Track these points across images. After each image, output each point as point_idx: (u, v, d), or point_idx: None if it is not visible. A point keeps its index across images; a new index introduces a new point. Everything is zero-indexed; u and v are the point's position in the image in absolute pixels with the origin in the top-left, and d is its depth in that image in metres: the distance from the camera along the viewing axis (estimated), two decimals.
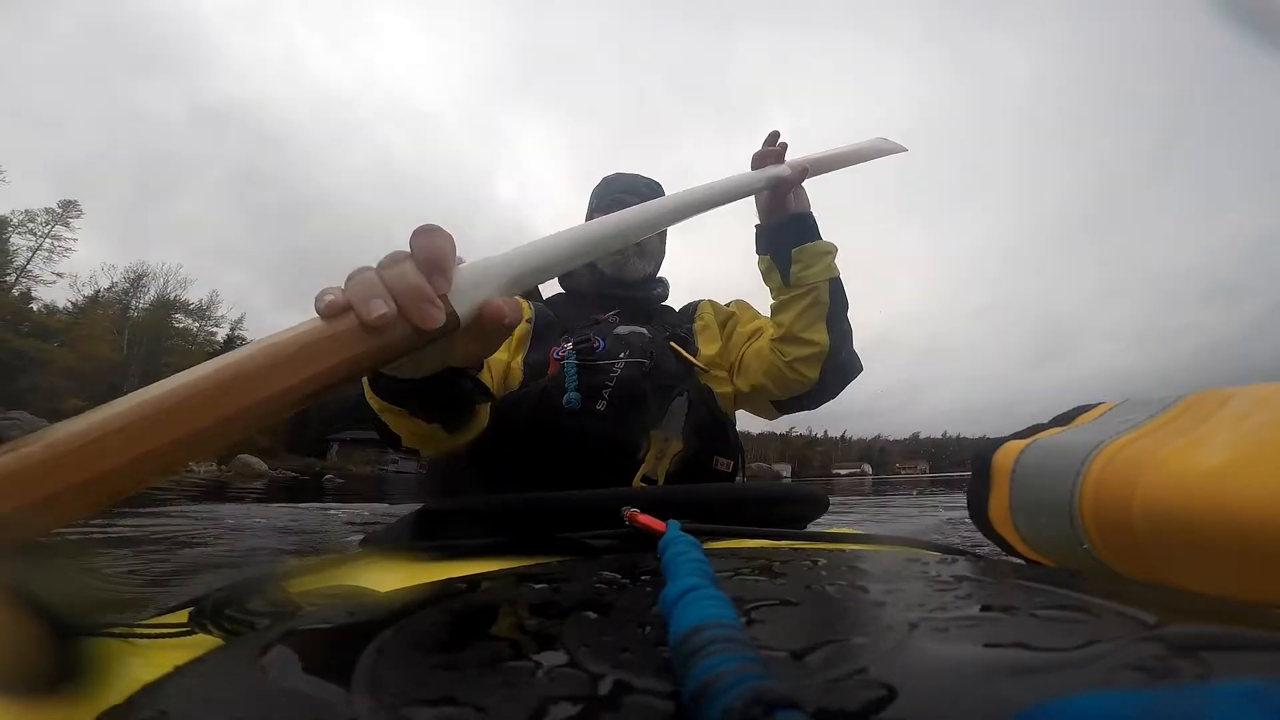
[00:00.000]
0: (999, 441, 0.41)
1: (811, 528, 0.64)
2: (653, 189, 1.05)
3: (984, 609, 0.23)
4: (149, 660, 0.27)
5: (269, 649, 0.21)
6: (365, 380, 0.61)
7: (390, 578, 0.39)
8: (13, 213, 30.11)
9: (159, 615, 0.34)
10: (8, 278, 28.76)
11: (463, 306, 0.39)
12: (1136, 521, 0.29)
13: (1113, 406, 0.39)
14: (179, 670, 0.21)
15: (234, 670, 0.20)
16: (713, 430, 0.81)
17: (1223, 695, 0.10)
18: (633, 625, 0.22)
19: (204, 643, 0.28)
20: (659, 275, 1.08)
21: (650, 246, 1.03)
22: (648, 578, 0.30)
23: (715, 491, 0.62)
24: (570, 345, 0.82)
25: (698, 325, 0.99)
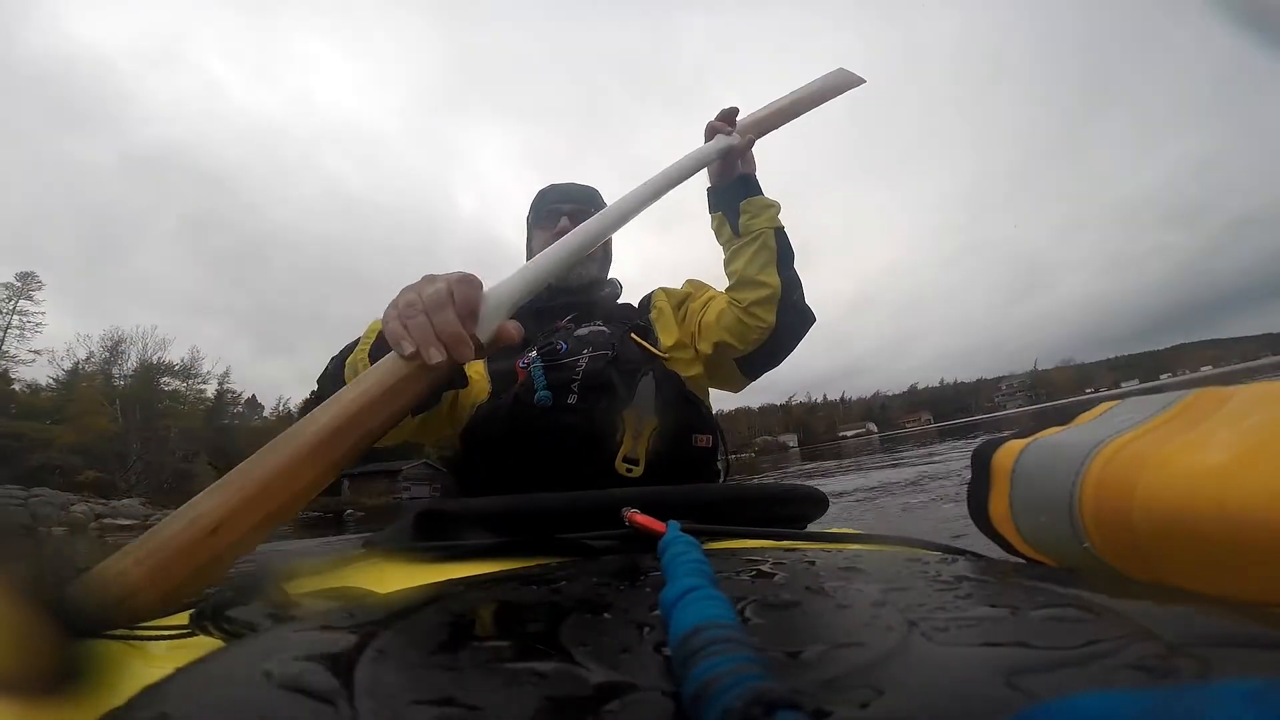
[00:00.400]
0: (999, 441, 0.41)
1: (811, 528, 0.64)
2: (587, 194, 1.10)
3: (984, 609, 0.23)
4: (150, 661, 0.27)
5: (270, 650, 0.21)
6: (338, 372, 0.73)
7: (390, 578, 0.39)
8: None
9: (160, 617, 0.34)
10: None
11: (484, 335, 0.50)
12: (1136, 521, 0.29)
13: (1113, 406, 0.39)
14: (180, 671, 0.21)
15: (235, 671, 0.20)
16: (685, 407, 0.83)
17: (1223, 695, 0.10)
18: (633, 625, 0.22)
19: (205, 644, 0.28)
20: (610, 277, 1.12)
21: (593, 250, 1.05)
22: (647, 578, 0.30)
23: (715, 492, 0.62)
24: (534, 353, 0.87)
25: (653, 315, 1.02)
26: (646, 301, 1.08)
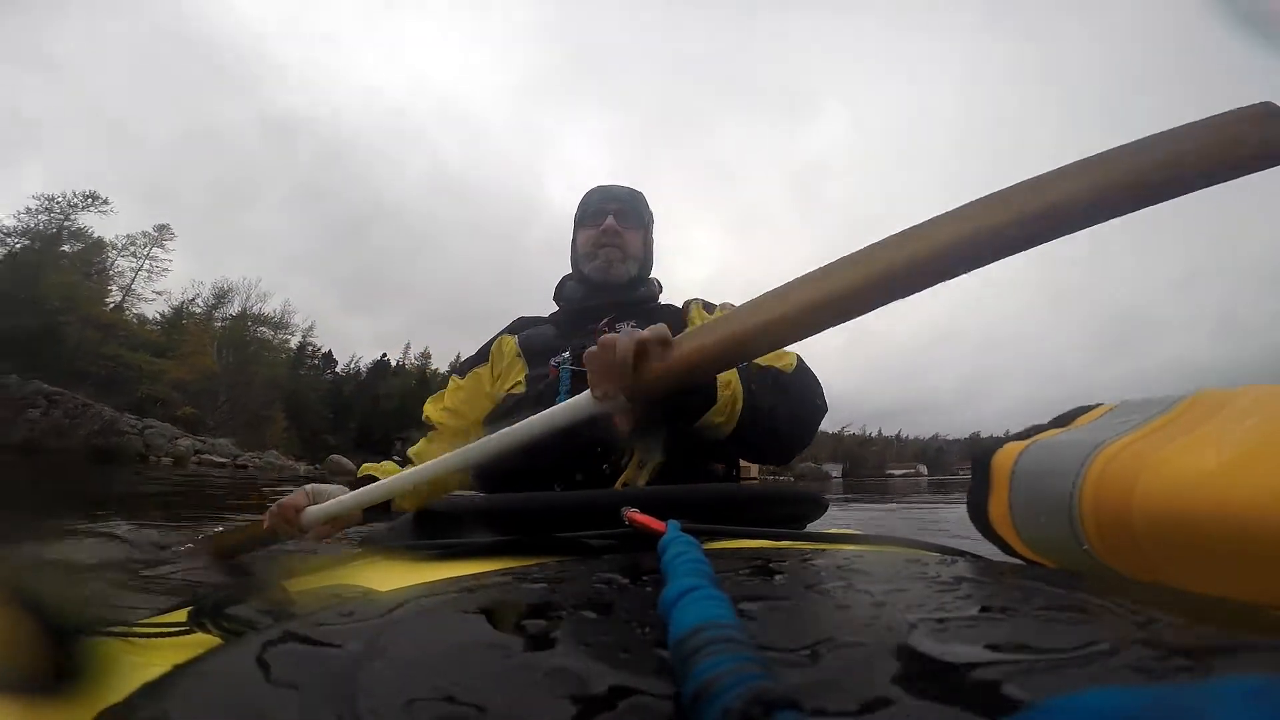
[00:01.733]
0: (999, 442, 0.41)
1: (811, 528, 0.64)
2: (632, 196, 1.12)
3: (984, 609, 0.23)
4: (148, 659, 0.27)
5: (268, 649, 0.21)
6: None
7: (390, 578, 0.39)
8: (116, 237, 32.70)
9: (158, 615, 0.34)
10: (117, 299, 31.50)
11: (304, 525, 0.77)
12: (1136, 522, 0.29)
13: (1112, 407, 0.39)
14: (178, 669, 0.21)
15: (233, 670, 0.20)
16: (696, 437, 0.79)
17: (1223, 693, 0.10)
18: (632, 625, 0.22)
19: (203, 642, 0.28)
20: (650, 276, 1.13)
21: (632, 248, 1.08)
22: (647, 578, 0.30)
23: (715, 491, 0.62)
24: (567, 354, 0.90)
25: (692, 317, 1.03)
26: (684, 310, 1.09)
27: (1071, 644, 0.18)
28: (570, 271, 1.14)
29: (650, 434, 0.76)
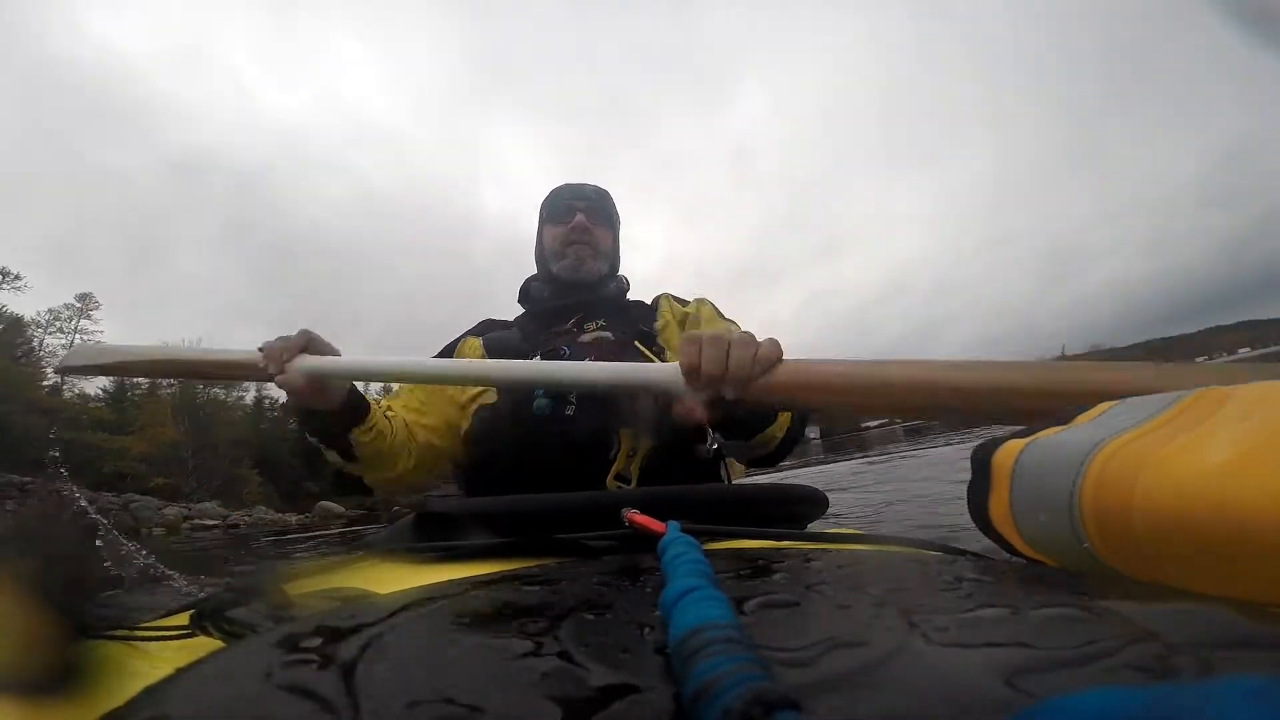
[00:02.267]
0: (999, 441, 0.41)
1: (811, 528, 0.64)
2: (600, 194, 1.10)
3: (984, 609, 0.23)
4: (150, 662, 0.27)
5: (270, 650, 0.21)
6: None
7: (390, 579, 0.39)
8: (37, 313, 31.85)
9: (160, 617, 0.34)
10: (55, 380, 30.36)
11: (290, 373, 0.77)
12: (1136, 521, 0.29)
13: (1113, 405, 0.39)
14: (180, 672, 0.21)
15: (235, 672, 0.20)
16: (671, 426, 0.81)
17: (1223, 692, 0.10)
18: (633, 625, 0.22)
19: (205, 645, 0.28)
20: (617, 273, 1.11)
21: (603, 245, 1.06)
22: (647, 578, 0.30)
23: (715, 492, 0.62)
24: (537, 357, 0.88)
25: (659, 324, 1.01)
26: (654, 306, 1.07)
27: (1071, 644, 0.18)
28: (535, 273, 1.11)
29: (644, 421, 0.76)
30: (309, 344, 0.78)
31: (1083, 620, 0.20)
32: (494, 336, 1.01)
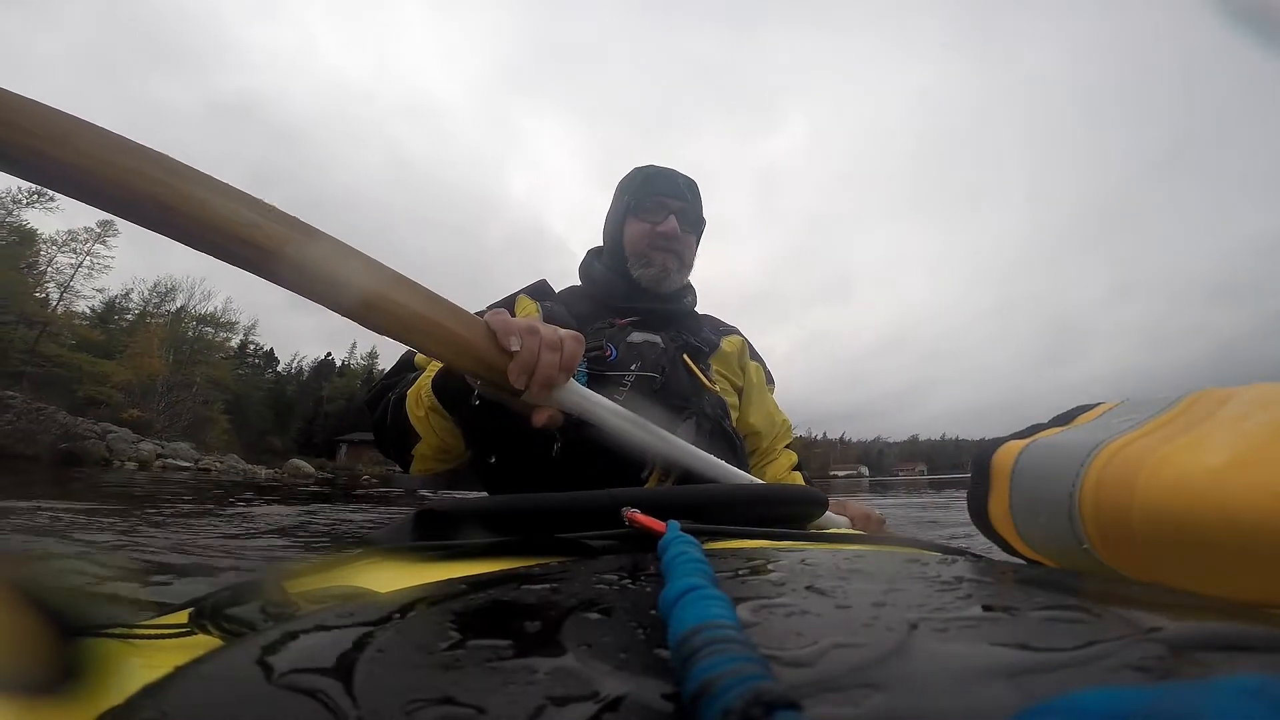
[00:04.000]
0: (999, 441, 0.41)
1: (811, 528, 0.64)
2: (691, 189, 0.99)
3: (984, 609, 0.23)
4: (149, 661, 0.27)
5: (269, 649, 0.21)
6: (417, 390, 0.73)
7: (390, 578, 0.39)
8: (57, 233, 32.40)
9: (159, 616, 0.34)
10: (54, 295, 31.17)
11: (556, 396, 0.56)
12: (1136, 521, 0.29)
13: (1112, 406, 0.39)
14: (179, 671, 0.21)
15: (234, 671, 0.20)
16: (722, 446, 0.79)
17: (1223, 691, 0.10)
18: (632, 625, 0.22)
19: (204, 643, 0.28)
20: (688, 283, 1.02)
21: (688, 256, 0.96)
22: (647, 578, 0.30)
23: (715, 492, 0.62)
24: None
25: (724, 348, 0.95)
26: (721, 330, 1.01)
27: (1072, 644, 0.18)
28: (600, 248, 1.00)
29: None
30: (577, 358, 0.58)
31: (1083, 620, 0.20)
32: (551, 308, 0.91)
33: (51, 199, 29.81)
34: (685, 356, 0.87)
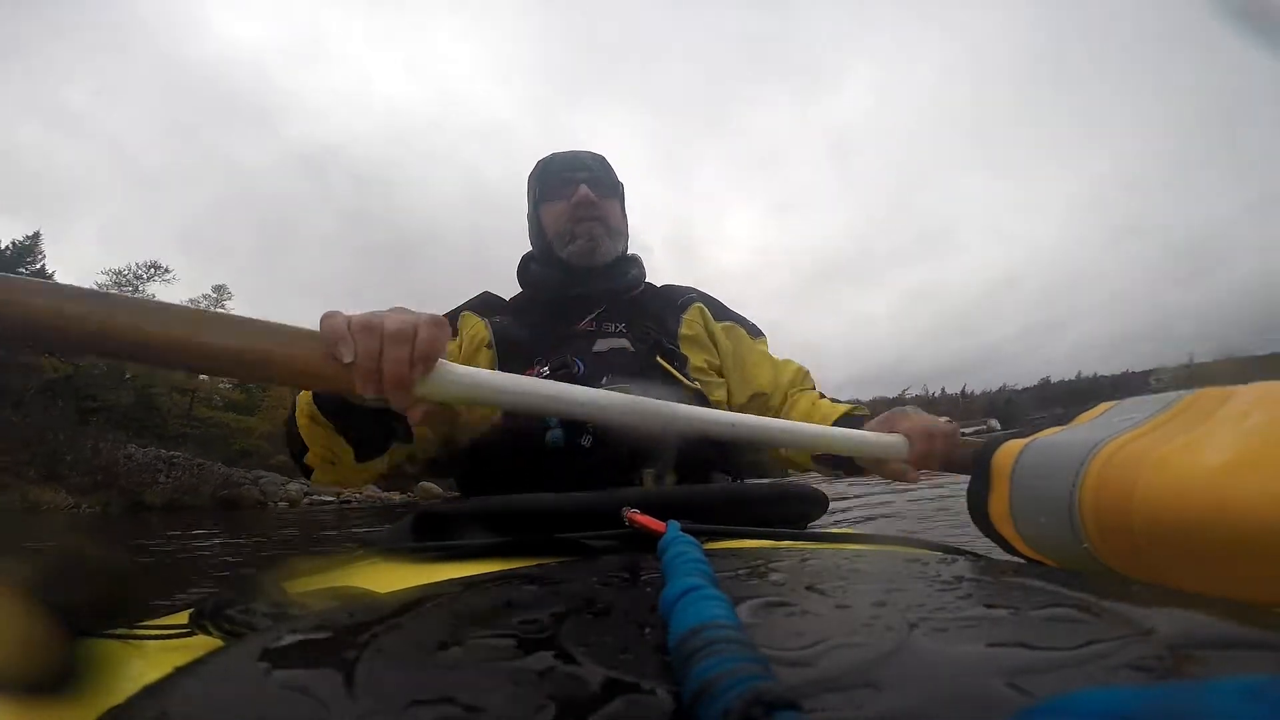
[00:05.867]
0: (999, 441, 0.41)
1: (811, 528, 0.64)
2: (600, 162, 0.95)
3: (984, 609, 0.23)
4: (150, 661, 0.27)
5: (269, 650, 0.21)
6: (301, 397, 0.67)
7: (390, 578, 0.39)
8: (181, 302, 35.57)
9: (160, 617, 0.34)
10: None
11: (424, 391, 0.47)
12: (1136, 521, 0.29)
13: (1112, 405, 0.39)
14: (179, 671, 0.21)
15: (234, 671, 0.20)
16: (710, 447, 0.75)
17: (1223, 691, 0.10)
18: (633, 625, 0.22)
19: (204, 644, 0.28)
20: (630, 253, 0.97)
21: (614, 221, 0.92)
22: (648, 578, 0.30)
23: (715, 492, 0.62)
24: (546, 370, 0.77)
25: (684, 332, 0.91)
26: (679, 303, 0.95)
27: (1071, 644, 0.18)
28: (531, 252, 0.96)
29: (667, 458, 0.73)
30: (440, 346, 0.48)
31: (1083, 620, 0.20)
32: (502, 325, 0.87)
33: (167, 271, 32.51)
34: (659, 359, 0.84)
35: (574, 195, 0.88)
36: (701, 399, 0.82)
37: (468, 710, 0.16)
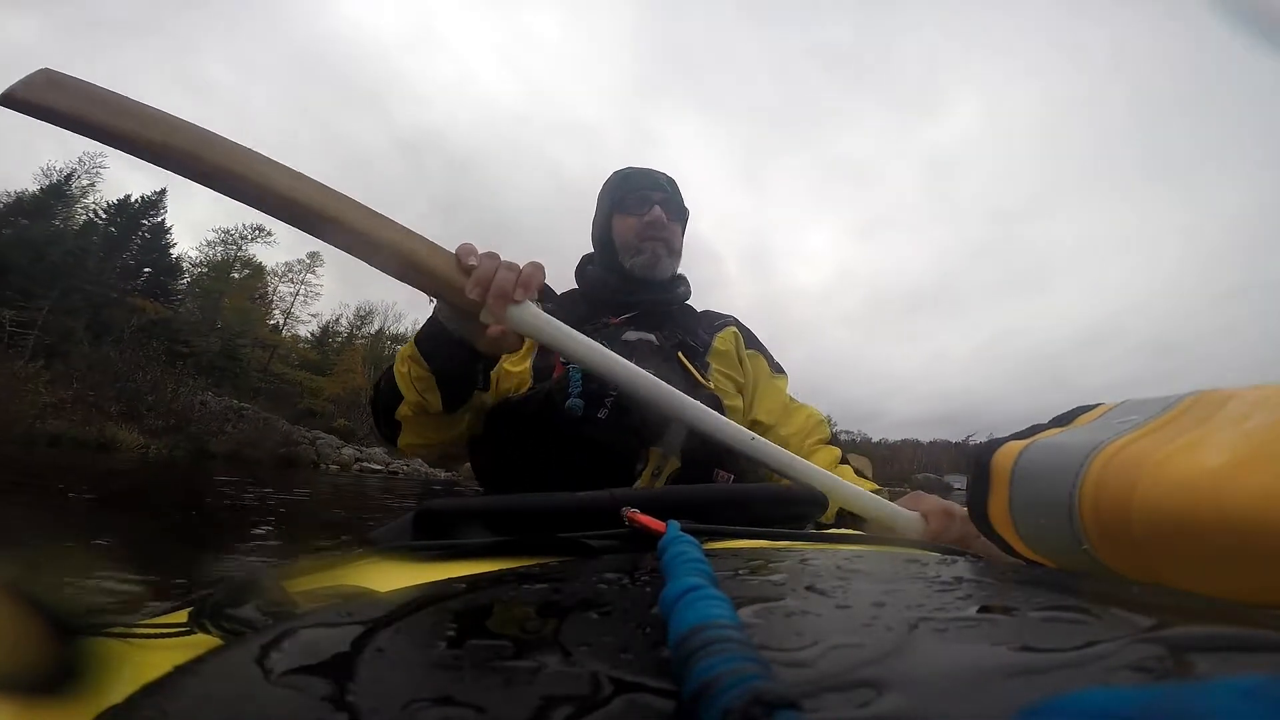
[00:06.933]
0: (999, 442, 0.41)
1: (811, 528, 0.64)
2: (670, 182, 1.03)
3: (984, 609, 0.23)
4: (148, 660, 0.27)
5: (269, 649, 0.21)
6: (403, 349, 0.78)
7: (390, 578, 0.39)
8: (276, 264, 37.80)
9: (158, 615, 0.34)
10: (279, 321, 37.13)
11: (515, 316, 0.61)
12: (1136, 522, 0.29)
13: (1112, 407, 0.39)
14: (178, 670, 0.21)
15: (234, 670, 0.20)
16: (718, 444, 0.80)
17: (1223, 692, 0.10)
18: (633, 625, 0.22)
19: (204, 643, 0.28)
20: (680, 273, 1.05)
21: (676, 243, 0.99)
22: (647, 578, 0.30)
23: (715, 491, 0.62)
24: None
25: (717, 345, 0.96)
26: (715, 325, 1.01)
27: (1071, 644, 0.18)
28: (592, 253, 1.05)
29: (675, 440, 0.76)
30: (540, 286, 0.64)
31: (1082, 621, 0.20)
32: (545, 309, 0.96)
33: (270, 234, 34.80)
34: (680, 355, 0.88)
35: (647, 214, 0.95)
36: (716, 402, 0.84)
37: (468, 710, 0.16)
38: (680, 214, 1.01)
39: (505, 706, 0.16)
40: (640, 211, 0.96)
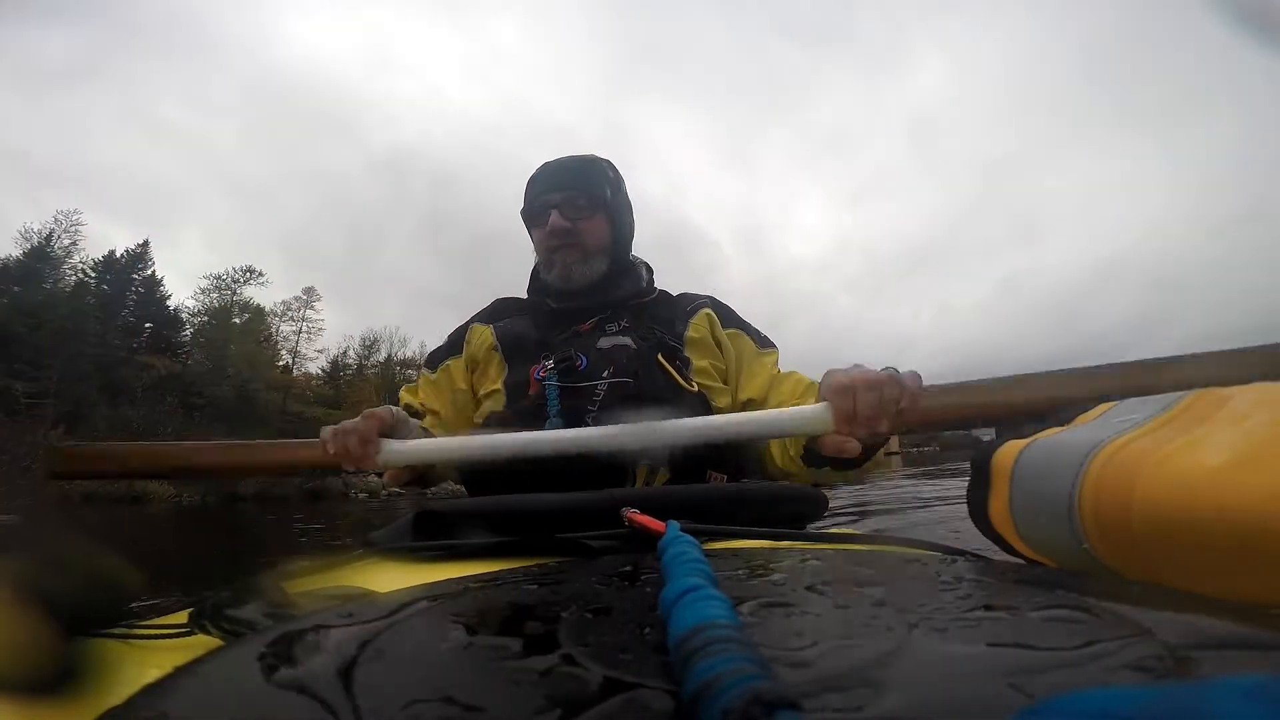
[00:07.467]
0: (999, 442, 0.41)
1: (811, 528, 0.64)
2: (582, 170, 0.91)
3: (984, 609, 0.23)
4: (150, 661, 0.27)
5: (269, 650, 0.21)
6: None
7: (390, 578, 0.39)
8: (274, 304, 37.91)
9: (159, 616, 0.34)
10: (287, 361, 37.54)
11: (380, 459, 0.71)
12: (1136, 522, 0.29)
13: (1112, 406, 0.39)
14: (179, 671, 0.21)
15: (234, 671, 0.20)
16: (704, 446, 0.74)
17: (1223, 693, 0.10)
18: (633, 625, 0.22)
19: (204, 644, 0.28)
20: (632, 260, 0.97)
21: (593, 241, 0.90)
22: (647, 578, 0.30)
23: (715, 491, 0.62)
24: (551, 364, 0.81)
25: (690, 334, 0.91)
26: (688, 310, 0.95)
27: (1071, 644, 0.18)
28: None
29: (661, 450, 0.74)
30: (382, 428, 0.72)
31: (1082, 620, 0.20)
32: (506, 325, 0.92)
33: (261, 275, 35.18)
34: (660, 357, 0.84)
35: (547, 225, 0.88)
36: (704, 402, 0.83)
37: (468, 710, 0.16)
38: (592, 204, 0.89)
39: (505, 707, 0.16)
40: (540, 224, 0.90)
